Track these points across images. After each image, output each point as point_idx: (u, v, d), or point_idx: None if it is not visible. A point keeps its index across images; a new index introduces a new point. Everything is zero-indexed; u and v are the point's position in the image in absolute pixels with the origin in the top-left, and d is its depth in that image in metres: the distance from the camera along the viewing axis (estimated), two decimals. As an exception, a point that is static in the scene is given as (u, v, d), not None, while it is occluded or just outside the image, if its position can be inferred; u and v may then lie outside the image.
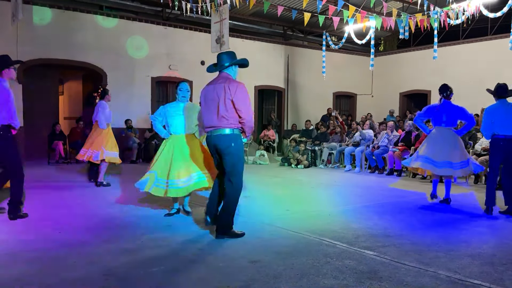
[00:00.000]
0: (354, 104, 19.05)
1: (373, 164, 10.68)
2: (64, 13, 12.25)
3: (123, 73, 13.09)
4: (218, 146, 4.27)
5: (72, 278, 3.16)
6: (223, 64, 4.38)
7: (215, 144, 4.29)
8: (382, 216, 5.43)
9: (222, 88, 4.22)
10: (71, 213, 5.42)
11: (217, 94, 4.25)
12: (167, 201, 6.20)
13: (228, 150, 4.22)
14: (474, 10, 10.84)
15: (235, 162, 4.25)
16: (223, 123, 4.22)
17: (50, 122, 12.60)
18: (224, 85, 4.22)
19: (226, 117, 4.20)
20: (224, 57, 4.41)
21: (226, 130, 4.23)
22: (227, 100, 4.19)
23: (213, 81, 4.44)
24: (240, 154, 4.29)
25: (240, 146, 4.29)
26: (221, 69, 4.40)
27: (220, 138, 4.24)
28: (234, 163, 4.24)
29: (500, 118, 5.63)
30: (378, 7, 13.66)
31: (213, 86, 4.34)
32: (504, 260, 3.66)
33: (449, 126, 6.22)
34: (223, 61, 4.39)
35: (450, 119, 6.20)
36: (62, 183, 8.08)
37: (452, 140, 6.14)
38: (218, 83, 4.31)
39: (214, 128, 4.28)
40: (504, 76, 14.42)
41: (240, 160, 4.29)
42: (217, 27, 11.80)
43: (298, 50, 17.28)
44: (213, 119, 4.27)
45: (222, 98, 4.20)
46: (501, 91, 5.79)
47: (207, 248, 3.96)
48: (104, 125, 7.53)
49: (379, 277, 3.21)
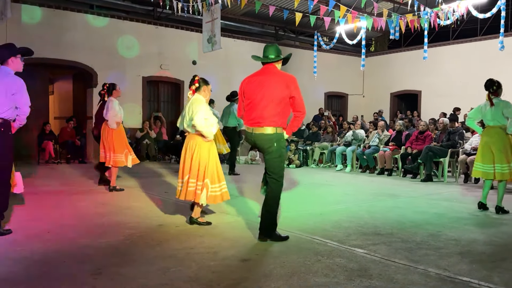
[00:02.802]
0: (345, 104, 19.12)
1: (364, 163, 10.72)
2: (54, 12, 12.16)
3: (114, 72, 13.00)
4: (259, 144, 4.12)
5: (61, 278, 3.13)
6: (268, 56, 4.15)
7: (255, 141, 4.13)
8: (372, 215, 5.45)
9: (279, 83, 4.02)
10: (60, 212, 5.38)
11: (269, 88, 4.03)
12: (157, 201, 6.17)
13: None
14: (464, 11, 10.93)
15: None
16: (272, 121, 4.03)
17: (40, 121, 12.50)
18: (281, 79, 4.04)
19: (278, 113, 4.02)
20: (268, 49, 4.19)
21: (269, 129, 4.03)
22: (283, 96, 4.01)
23: (258, 72, 4.22)
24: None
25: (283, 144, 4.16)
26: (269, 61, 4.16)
27: (263, 136, 4.06)
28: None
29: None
30: (369, 7, 13.72)
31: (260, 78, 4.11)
32: (492, 257, 3.69)
33: (498, 124, 5.62)
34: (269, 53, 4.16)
35: (496, 117, 5.60)
36: (51, 183, 8.01)
37: (500, 141, 5.61)
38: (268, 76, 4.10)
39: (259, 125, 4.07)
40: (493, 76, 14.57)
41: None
42: (208, 26, 11.78)
43: (289, 50, 17.29)
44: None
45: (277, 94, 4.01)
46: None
47: (198, 246, 3.94)
48: (114, 124, 6.94)
49: (370, 274, 3.22)
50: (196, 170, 4.67)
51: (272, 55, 4.17)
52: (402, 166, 9.81)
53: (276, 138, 4.05)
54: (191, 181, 4.68)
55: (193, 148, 4.72)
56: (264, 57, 4.20)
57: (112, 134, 6.98)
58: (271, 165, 4.10)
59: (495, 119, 5.62)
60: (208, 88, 4.93)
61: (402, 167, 9.78)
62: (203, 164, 4.68)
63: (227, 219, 5.15)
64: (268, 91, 4.03)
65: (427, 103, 16.71)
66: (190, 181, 4.68)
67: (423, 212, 5.70)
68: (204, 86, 4.87)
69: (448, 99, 15.23)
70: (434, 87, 16.30)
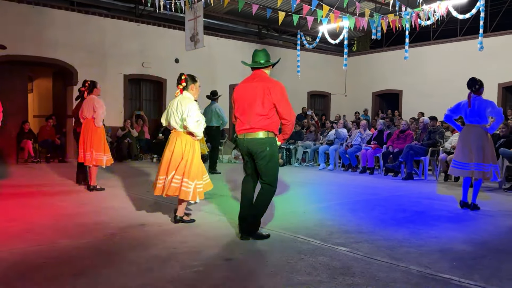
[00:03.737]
0: (328, 103, 19.24)
1: (346, 162, 10.80)
2: (34, 8, 11.92)
3: (94, 70, 12.82)
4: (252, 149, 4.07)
5: (40, 279, 3.07)
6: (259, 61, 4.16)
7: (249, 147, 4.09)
8: (355, 213, 5.50)
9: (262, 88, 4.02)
10: (40, 213, 5.28)
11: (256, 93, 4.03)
12: (139, 201, 6.11)
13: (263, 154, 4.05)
14: (444, 12, 11.10)
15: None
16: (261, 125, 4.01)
17: (19, 120, 12.25)
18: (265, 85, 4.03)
19: (268, 119, 4.02)
20: (257, 54, 4.20)
21: (260, 133, 4.01)
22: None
23: (247, 78, 4.24)
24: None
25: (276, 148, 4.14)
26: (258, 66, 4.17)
27: (255, 141, 4.03)
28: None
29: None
30: (351, 7, 13.83)
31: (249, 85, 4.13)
32: (473, 254, 3.75)
33: (478, 124, 5.72)
34: (259, 58, 4.17)
35: (478, 115, 5.68)
36: (31, 183, 7.86)
37: (479, 140, 5.68)
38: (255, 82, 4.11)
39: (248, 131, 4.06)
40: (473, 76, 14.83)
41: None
42: (191, 24, 11.71)
43: (273, 49, 17.30)
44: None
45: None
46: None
47: (181, 246, 3.92)
48: (100, 123, 6.86)
49: (352, 272, 3.24)
50: (183, 167, 4.65)
51: (262, 60, 4.18)
52: (383, 164, 9.92)
53: (269, 143, 4.04)
54: (177, 177, 4.65)
55: (181, 145, 4.70)
56: (253, 62, 4.20)
57: (97, 133, 6.90)
58: (265, 171, 4.08)
59: (475, 118, 5.70)
60: (196, 86, 4.91)
61: (384, 166, 9.89)
62: (190, 161, 4.67)
63: (210, 218, 5.12)
64: (256, 96, 4.02)
65: (408, 102, 16.92)
66: (175, 177, 4.64)
67: (405, 210, 5.76)
68: (191, 85, 4.86)
69: (428, 98, 15.45)
70: (415, 86, 16.52)
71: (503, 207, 5.88)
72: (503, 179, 7.89)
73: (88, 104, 6.94)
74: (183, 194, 4.63)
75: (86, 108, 6.94)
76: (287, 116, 4.05)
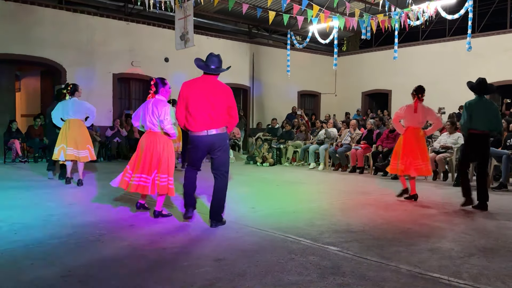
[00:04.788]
0: (318, 103, 19.29)
1: (336, 161, 10.84)
2: (21, 6, 11.79)
3: (83, 69, 12.73)
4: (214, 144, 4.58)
5: (28, 281, 3.03)
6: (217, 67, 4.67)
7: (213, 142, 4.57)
8: (345, 212, 5.51)
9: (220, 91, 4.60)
10: (28, 213, 5.21)
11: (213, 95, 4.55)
12: (128, 201, 6.07)
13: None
14: (433, 12, 11.18)
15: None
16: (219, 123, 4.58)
17: (6, 119, 12.12)
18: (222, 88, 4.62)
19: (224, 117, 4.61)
20: (216, 60, 4.67)
21: (221, 129, 4.59)
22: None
23: (199, 80, 4.67)
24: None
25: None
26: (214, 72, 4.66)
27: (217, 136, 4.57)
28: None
29: (478, 113, 5.83)
30: (341, 7, 13.88)
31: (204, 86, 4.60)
32: (461, 253, 3.78)
33: (419, 127, 6.46)
34: (216, 64, 4.66)
35: (420, 120, 6.46)
36: (19, 183, 7.77)
37: (420, 141, 6.45)
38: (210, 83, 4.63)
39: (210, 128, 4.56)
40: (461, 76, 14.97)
41: None
42: (181, 23, 11.66)
43: (263, 48, 17.33)
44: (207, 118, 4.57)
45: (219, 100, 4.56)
46: (481, 88, 5.94)
47: (171, 247, 3.90)
48: (90, 122, 7.50)
49: (342, 272, 3.25)
50: (166, 165, 4.98)
51: (218, 66, 4.66)
52: (373, 164, 9.97)
53: (228, 137, 4.72)
54: (162, 176, 4.94)
55: (160, 145, 4.99)
56: (206, 66, 4.64)
57: (85, 131, 7.37)
58: (222, 162, 4.66)
59: (420, 122, 6.41)
60: (166, 88, 5.19)
61: (373, 165, 9.95)
62: (168, 159, 5.01)
63: (199, 218, 5.10)
64: (215, 98, 4.54)
65: (397, 102, 16.98)
66: (161, 176, 4.94)
67: (394, 209, 5.80)
68: (161, 88, 5.14)
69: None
70: (404, 86, 16.52)
71: (491, 206, 5.93)
72: (491, 178, 7.98)
73: (78, 105, 7.36)
74: (171, 191, 5.00)
75: (80, 109, 7.35)
76: (236, 115, 4.77)
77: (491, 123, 5.82)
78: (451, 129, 9.21)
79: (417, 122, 6.41)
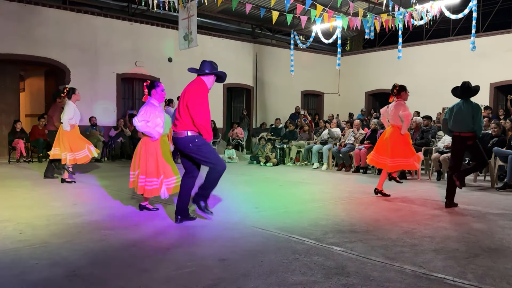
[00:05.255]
0: (321, 103, 19.27)
1: (340, 161, 10.82)
2: (25, 7, 11.84)
3: (87, 69, 12.77)
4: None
5: (34, 281, 3.04)
6: (203, 70, 4.62)
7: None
8: (349, 212, 5.51)
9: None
10: (33, 213, 5.23)
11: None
12: (132, 201, 6.09)
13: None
14: (437, 12, 11.15)
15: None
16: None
17: (11, 119, 12.16)
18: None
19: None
20: (205, 63, 4.67)
21: (184, 132, 4.50)
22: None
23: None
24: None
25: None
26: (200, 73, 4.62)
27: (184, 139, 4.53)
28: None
29: (456, 116, 5.95)
30: (344, 7, 13.85)
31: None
32: (466, 254, 3.77)
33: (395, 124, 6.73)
34: (204, 67, 4.63)
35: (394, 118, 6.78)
36: (23, 183, 7.80)
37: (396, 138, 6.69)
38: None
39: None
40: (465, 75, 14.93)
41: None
42: (185, 23, 11.68)
43: (266, 48, 17.32)
44: None
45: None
46: (462, 92, 6.01)
47: (175, 247, 3.90)
48: (67, 126, 7.35)
49: (347, 272, 3.24)
50: (144, 166, 5.20)
51: (206, 70, 4.62)
52: (377, 164, 9.93)
53: (191, 139, 4.47)
54: (141, 176, 5.20)
55: (142, 145, 5.30)
56: (198, 69, 4.67)
57: (71, 135, 7.45)
58: (203, 157, 4.51)
59: (393, 119, 6.64)
60: (158, 91, 5.35)
61: (377, 165, 9.91)
62: (146, 160, 5.23)
63: (203, 219, 5.11)
64: (182, 99, 4.54)
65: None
66: (140, 176, 5.20)
67: (398, 209, 5.79)
68: (153, 90, 5.33)
69: (420, 98, 15.49)
70: (408, 86, 16.43)
71: (496, 206, 5.91)
72: (495, 178, 7.95)
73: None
74: (147, 192, 5.23)
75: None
76: (194, 114, 4.40)
77: (467, 125, 5.85)
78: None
79: (391, 118, 6.73)
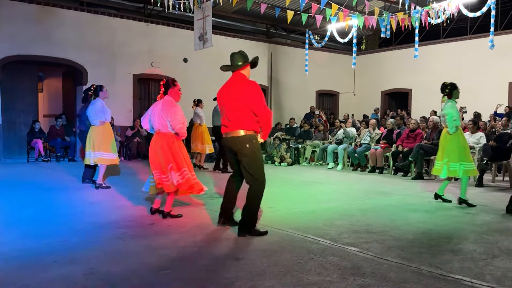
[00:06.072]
0: (336, 102, 19.17)
1: (355, 161, 10.76)
2: (44, 8, 12.03)
3: (104, 70, 12.91)
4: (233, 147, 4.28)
5: (52, 278, 3.09)
6: (236, 64, 4.34)
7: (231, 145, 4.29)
8: (364, 212, 5.47)
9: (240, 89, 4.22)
10: (52, 212, 5.32)
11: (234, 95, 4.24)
12: (148, 200, 6.14)
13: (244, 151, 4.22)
14: (454, 10, 11.00)
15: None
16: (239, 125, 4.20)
17: (29, 119, 12.37)
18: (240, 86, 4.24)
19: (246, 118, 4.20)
20: (236, 56, 4.38)
21: (241, 131, 4.19)
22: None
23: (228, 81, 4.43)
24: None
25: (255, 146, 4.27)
26: (234, 69, 4.36)
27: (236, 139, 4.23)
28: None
29: None
30: (360, 6, 13.77)
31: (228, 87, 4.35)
32: (484, 255, 3.71)
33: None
34: (236, 61, 4.35)
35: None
36: (42, 182, 7.93)
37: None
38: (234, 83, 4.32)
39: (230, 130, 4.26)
40: (483, 74, 14.70)
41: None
42: (200, 24, 11.73)
43: (281, 48, 17.30)
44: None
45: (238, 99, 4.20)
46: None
47: (191, 246, 3.93)
48: (95, 122, 7.07)
49: (363, 273, 3.22)
50: (158, 163, 5.00)
51: (239, 62, 4.35)
52: (393, 164, 9.86)
53: (249, 140, 4.19)
54: (194, 174, 5.09)
55: (164, 145, 4.97)
56: (231, 66, 4.38)
57: (103, 133, 7.11)
58: (248, 167, 4.25)
59: (444, 122, 6.28)
60: (175, 90, 5.14)
61: (393, 165, 9.83)
62: (163, 157, 4.99)
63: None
64: (234, 97, 4.22)
65: (418, 101, 16.80)
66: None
67: (415, 210, 5.73)
68: (170, 89, 5.12)
69: (438, 97, 15.30)
70: (425, 85, 16.37)
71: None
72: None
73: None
74: (165, 186, 5.00)
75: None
76: (259, 112, 4.16)
77: None
78: (473, 128, 9.06)
79: None
